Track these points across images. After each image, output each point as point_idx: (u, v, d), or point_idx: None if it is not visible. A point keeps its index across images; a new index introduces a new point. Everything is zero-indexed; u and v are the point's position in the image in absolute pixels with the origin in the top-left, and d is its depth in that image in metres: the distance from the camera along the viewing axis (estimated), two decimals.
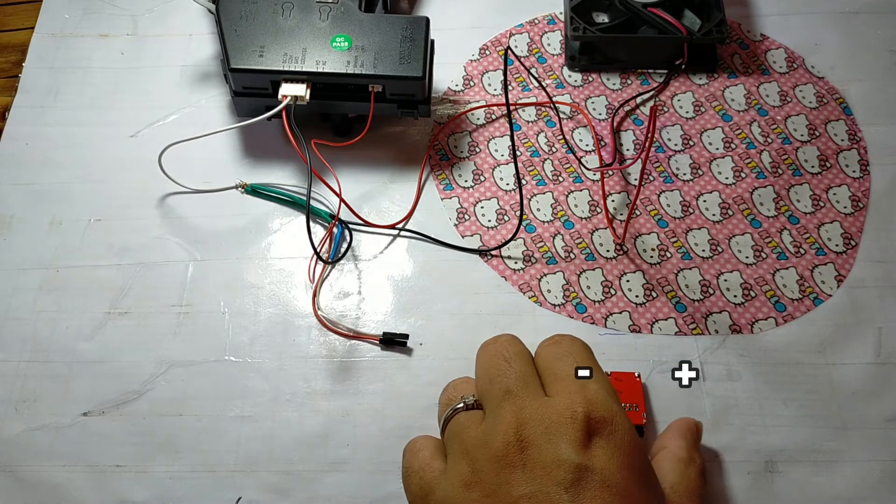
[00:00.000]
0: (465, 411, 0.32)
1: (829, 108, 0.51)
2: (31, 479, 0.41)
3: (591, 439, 0.29)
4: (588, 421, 0.29)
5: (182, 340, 0.44)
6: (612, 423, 0.29)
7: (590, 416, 0.29)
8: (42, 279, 0.46)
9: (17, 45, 0.55)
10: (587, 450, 0.28)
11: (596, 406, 0.29)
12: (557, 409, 0.30)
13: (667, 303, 0.45)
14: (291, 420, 0.42)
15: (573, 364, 0.32)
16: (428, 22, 0.47)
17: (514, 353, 0.33)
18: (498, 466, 0.29)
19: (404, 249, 0.47)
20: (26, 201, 0.49)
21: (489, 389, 0.32)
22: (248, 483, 0.41)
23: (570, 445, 0.28)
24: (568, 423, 0.29)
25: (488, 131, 0.51)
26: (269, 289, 0.46)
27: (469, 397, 0.33)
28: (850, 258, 0.46)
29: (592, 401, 0.30)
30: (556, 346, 0.34)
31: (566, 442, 0.28)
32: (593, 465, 0.28)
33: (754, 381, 0.43)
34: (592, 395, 0.30)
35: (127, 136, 0.51)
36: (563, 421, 0.29)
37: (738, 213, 0.48)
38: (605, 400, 0.30)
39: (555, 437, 0.29)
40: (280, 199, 0.49)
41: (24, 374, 0.44)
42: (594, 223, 0.47)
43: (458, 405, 0.33)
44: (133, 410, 0.43)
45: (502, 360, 0.33)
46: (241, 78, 0.46)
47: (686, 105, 0.51)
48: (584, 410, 0.29)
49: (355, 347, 0.44)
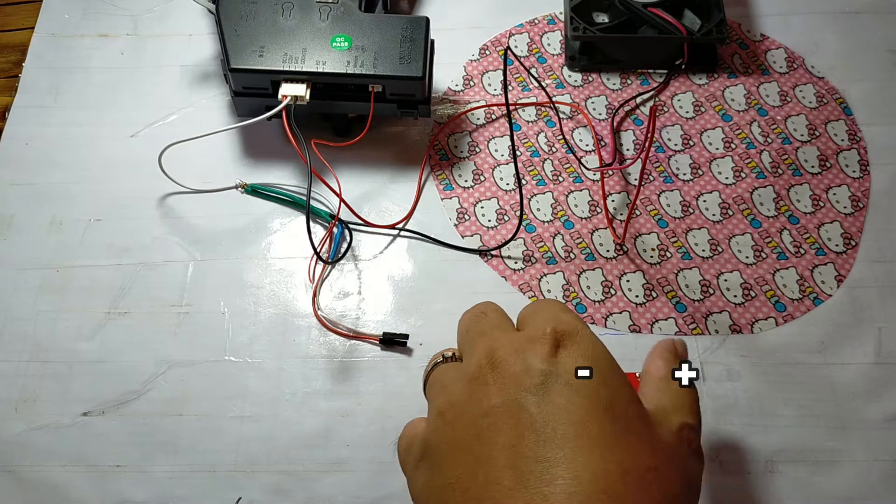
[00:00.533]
0: (443, 363, 0.34)
1: (829, 108, 0.51)
2: (31, 479, 0.41)
3: (558, 349, 0.30)
4: (554, 335, 0.30)
5: (182, 340, 0.44)
6: (577, 335, 0.30)
7: (555, 331, 0.30)
8: (42, 279, 0.46)
9: (17, 45, 0.55)
10: (554, 358, 0.30)
11: (561, 324, 0.31)
12: (527, 333, 0.31)
13: (667, 303, 0.45)
14: (291, 420, 0.42)
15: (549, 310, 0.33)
16: (428, 22, 0.47)
17: (492, 308, 0.35)
18: (471, 387, 0.30)
19: (404, 249, 0.47)
20: (26, 201, 0.49)
21: (466, 337, 0.34)
22: (248, 483, 0.41)
23: (538, 356, 0.30)
24: (537, 340, 0.30)
25: (488, 131, 0.51)
26: (269, 289, 0.46)
27: (448, 352, 0.34)
28: (850, 258, 0.46)
29: (559, 320, 0.31)
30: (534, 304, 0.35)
31: (534, 354, 0.30)
32: (558, 369, 0.29)
33: (754, 381, 0.43)
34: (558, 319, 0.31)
35: (127, 136, 0.51)
36: (533, 339, 0.30)
37: (738, 213, 0.48)
38: (574, 322, 0.31)
39: (524, 353, 0.30)
40: (280, 199, 0.49)
41: (24, 374, 0.44)
42: (594, 223, 0.47)
43: (438, 360, 0.34)
44: (133, 410, 0.43)
45: (479, 313, 0.34)
46: (241, 78, 0.46)
47: (686, 105, 0.51)
48: (551, 327, 0.31)
49: (355, 347, 0.44)
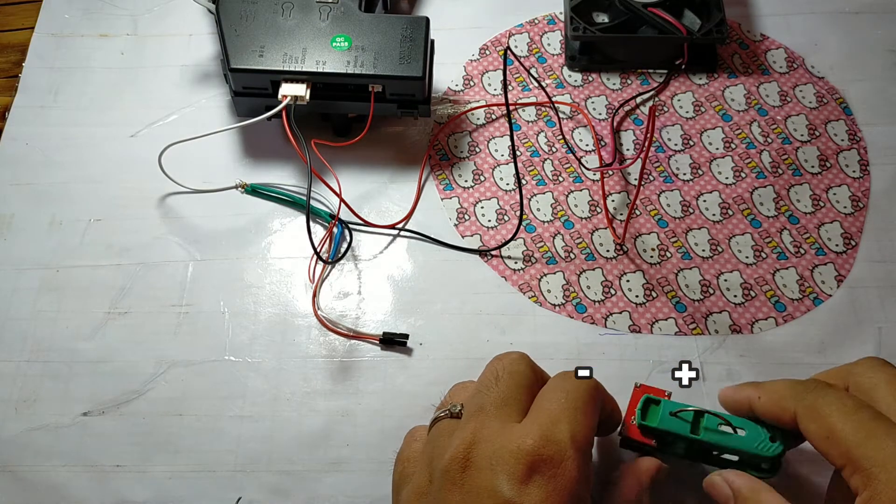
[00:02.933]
0: (447, 419, 0.33)
1: (829, 108, 0.51)
2: (31, 479, 0.41)
3: (532, 476, 0.28)
4: (534, 457, 0.28)
5: (182, 340, 0.44)
6: (558, 466, 0.28)
7: (537, 452, 0.28)
8: (42, 279, 0.46)
9: (17, 45, 0.55)
10: (523, 486, 0.28)
11: (548, 444, 0.29)
12: (511, 438, 0.29)
13: (667, 303, 0.45)
14: (291, 420, 0.42)
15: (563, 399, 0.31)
16: (428, 22, 0.47)
17: (509, 372, 0.33)
18: (443, 481, 0.29)
19: (404, 249, 0.47)
20: (26, 201, 0.49)
21: (469, 402, 0.32)
22: (248, 483, 0.41)
23: (508, 478, 0.28)
24: (513, 454, 0.28)
25: (488, 131, 0.51)
26: (269, 289, 0.46)
27: (457, 406, 0.33)
28: (850, 258, 0.46)
29: (548, 439, 0.29)
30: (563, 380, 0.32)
31: (505, 473, 0.28)
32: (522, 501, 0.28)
33: (754, 380, 0.43)
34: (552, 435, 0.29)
35: (127, 136, 0.51)
36: (511, 451, 0.29)
37: (738, 213, 0.48)
38: (562, 442, 0.29)
39: (496, 465, 0.28)
40: (280, 199, 0.49)
41: (24, 374, 0.44)
42: (594, 223, 0.47)
43: (444, 411, 0.33)
44: (133, 410, 0.43)
45: (493, 376, 0.32)
46: (241, 78, 0.46)
47: (686, 105, 0.51)
48: (533, 445, 0.28)
49: (355, 347, 0.44)
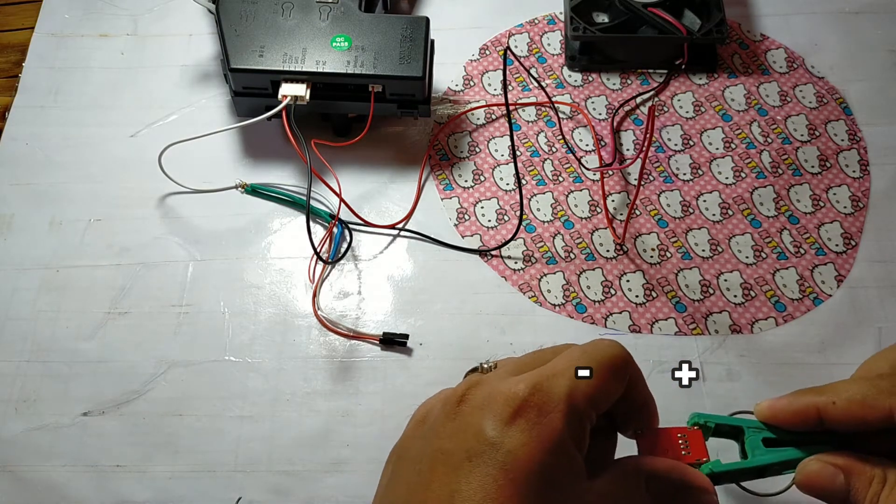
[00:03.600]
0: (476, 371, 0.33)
1: (829, 108, 0.51)
2: (31, 479, 0.41)
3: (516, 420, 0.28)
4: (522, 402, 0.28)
5: (182, 340, 0.44)
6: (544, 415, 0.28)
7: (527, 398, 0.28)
8: (42, 279, 0.46)
9: (17, 45, 0.55)
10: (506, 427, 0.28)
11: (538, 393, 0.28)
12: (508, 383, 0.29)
13: (667, 303, 0.45)
14: (291, 420, 0.42)
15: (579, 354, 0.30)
16: (428, 22, 0.47)
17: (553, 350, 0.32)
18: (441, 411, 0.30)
19: (404, 249, 0.47)
20: (26, 201, 0.49)
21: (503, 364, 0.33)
22: (248, 483, 0.41)
23: (494, 418, 0.28)
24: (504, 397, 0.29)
25: (488, 131, 0.51)
26: (269, 289, 0.46)
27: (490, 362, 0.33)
28: (850, 258, 0.46)
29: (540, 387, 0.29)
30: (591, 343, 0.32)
31: (492, 413, 0.28)
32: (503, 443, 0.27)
33: (754, 381, 0.43)
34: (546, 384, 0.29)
35: (127, 136, 0.51)
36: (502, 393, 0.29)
37: (738, 213, 0.48)
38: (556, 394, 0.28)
39: (486, 405, 0.29)
40: (280, 199, 0.49)
41: (24, 374, 0.44)
42: (594, 223, 0.47)
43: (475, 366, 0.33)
44: (133, 410, 0.43)
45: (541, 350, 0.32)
46: (241, 78, 0.46)
47: (686, 105, 0.51)
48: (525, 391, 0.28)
49: (355, 347, 0.44)
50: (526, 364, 0.32)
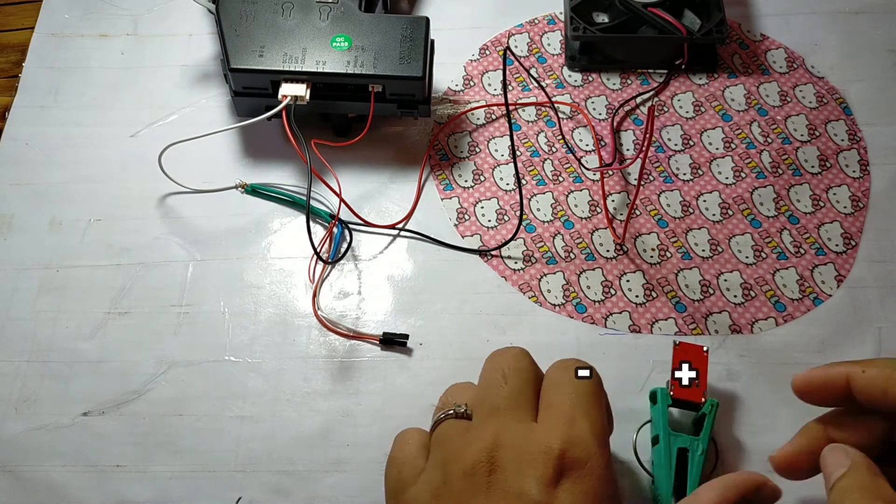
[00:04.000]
0: (453, 419, 0.32)
1: (829, 108, 0.51)
2: (31, 479, 0.41)
3: (560, 479, 0.28)
4: (562, 459, 0.28)
5: (182, 340, 0.44)
6: (585, 467, 0.28)
7: (565, 454, 0.28)
8: (42, 279, 0.46)
9: (17, 45, 0.55)
10: (552, 489, 0.28)
11: (574, 445, 0.29)
12: (536, 439, 0.29)
13: (667, 303, 0.45)
14: (291, 420, 0.42)
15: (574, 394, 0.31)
16: (428, 22, 0.47)
17: (515, 369, 0.32)
18: (465, 483, 0.29)
19: (404, 249, 0.47)
20: (26, 201, 0.49)
21: (480, 403, 0.32)
22: (248, 483, 0.41)
23: (537, 481, 0.28)
24: (540, 457, 0.28)
25: (488, 131, 0.51)
26: (269, 289, 0.46)
27: (461, 406, 0.33)
28: (850, 258, 0.46)
29: (573, 439, 0.29)
30: (565, 371, 0.32)
31: (533, 476, 0.28)
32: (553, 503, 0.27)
33: (754, 380, 0.43)
34: (575, 434, 0.29)
35: (127, 136, 0.51)
36: (537, 453, 0.28)
37: (738, 213, 0.48)
38: (587, 441, 0.29)
39: (524, 468, 0.28)
40: (280, 199, 0.49)
41: (24, 374, 0.44)
42: (594, 223, 0.47)
43: (448, 411, 0.33)
44: (133, 410, 0.43)
45: (500, 375, 0.32)
46: (241, 78, 0.46)
47: (686, 105, 0.51)
48: (560, 447, 0.28)
49: (355, 347, 0.44)
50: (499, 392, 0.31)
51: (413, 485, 0.31)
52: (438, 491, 0.30)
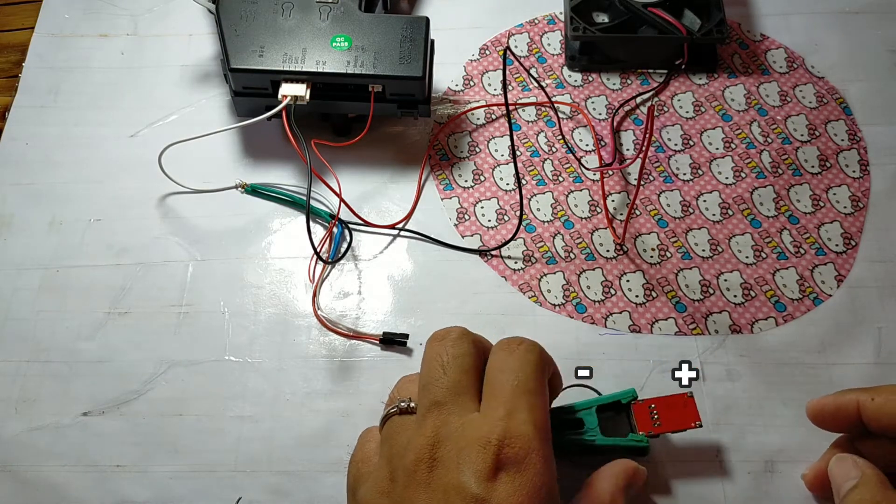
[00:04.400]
0: (398, 415, 0.33)
1: (829, 108, 0.51)
2: (31, 479, 0.41)
3: (499, 472, 0.28)
4: (500, 452, 0.28)
5: (182, 340, 0.44)
6: (523, 461, 0.28)
7: (503, 447, 0.29)
8: (42, 279, 0.46)
9: (17, 45, 0.55)
10: (491, 482, 0.28)
11: (513, 439, 0.29)
12: (475, 433, 0.29)
13: (667, 303, 0.45)
14: (291, 420, 0.42)
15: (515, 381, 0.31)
16: (428, 22, 0.47)
17: (454, 356, 0.32)
18: (408, 480, 0.29)
19: (404, 249, 0.47)
20: (26, 201, 0.49)
21: (421, 397, 0.32)
22: (248, 483, 0.41)
23: (475, 475, 0.28)
24: (479, 451, 0.29)
25: (488, 131, 0.51)
26: (269, 289, 0.46)
27: (406, 401, 0.33)
28: (850, 258, 0.46)
29: (512, 432, 0.29)
30: (509, 355, 0.32)
31: (472, 470, 0.28)
32: (491, 499, 0.28)
33: (754, 381, 0.43)
34: (514, 427, 0.29)
35: (127, 136, 0.51)
36: (476, 447, 0.29)
37: (738, 213, 0.48)
38: (526, 434, 0.29)
39: (463, 463, 0.28)
40: (280, 199, 0.49)
41: (24, 374, 0.44)
42: (594, 223, 0.47)
43: (393, 408, 0.33)
44: (133, 410, 0.43)
45: (439, 366, 0.32)
46: (241, 78, 0.46)
47: (686, 105, 0.51)
48: (498, 440, 0.29)
49: (355, 347, 0.44)
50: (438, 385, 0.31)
51: (366, 482, 0.32)
52: (385, 488, 0.30)
